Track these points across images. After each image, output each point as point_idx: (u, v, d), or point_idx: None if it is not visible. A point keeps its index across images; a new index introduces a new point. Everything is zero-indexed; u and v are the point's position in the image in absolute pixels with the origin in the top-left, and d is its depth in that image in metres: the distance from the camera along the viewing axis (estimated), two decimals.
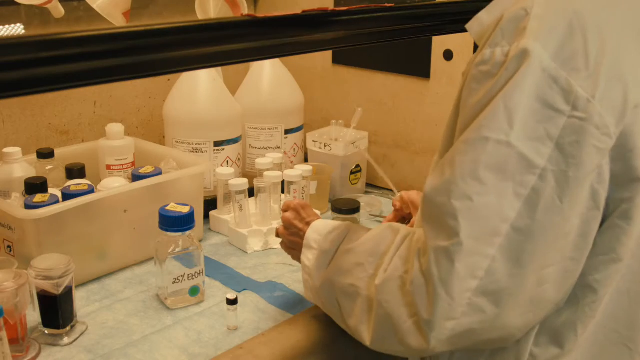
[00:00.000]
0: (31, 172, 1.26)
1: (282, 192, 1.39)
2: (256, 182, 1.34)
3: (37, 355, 0.96)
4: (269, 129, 1.57)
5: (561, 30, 0.70)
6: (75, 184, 1.20)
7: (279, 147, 1.58)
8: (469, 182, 0.70)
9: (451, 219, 0.70)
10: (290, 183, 1.36)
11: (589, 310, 0.77)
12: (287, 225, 1.02)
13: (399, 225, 0.87)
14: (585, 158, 0.69)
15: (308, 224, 0.97)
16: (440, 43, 1.49)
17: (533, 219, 0.69)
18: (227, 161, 1.47)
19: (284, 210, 1.04)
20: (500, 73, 0.70)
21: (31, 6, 1.32)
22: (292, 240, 1.01)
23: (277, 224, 1.34)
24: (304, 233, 0.97)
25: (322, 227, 0.96)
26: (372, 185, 1.69)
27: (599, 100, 0.69)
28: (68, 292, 0.99)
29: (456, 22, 1.12)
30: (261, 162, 1.39)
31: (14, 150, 1.26)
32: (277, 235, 1.07)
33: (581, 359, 0.78)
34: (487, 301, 0.71)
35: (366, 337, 0.82)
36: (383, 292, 0.78)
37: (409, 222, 1.20)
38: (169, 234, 1.08)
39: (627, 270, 0.76)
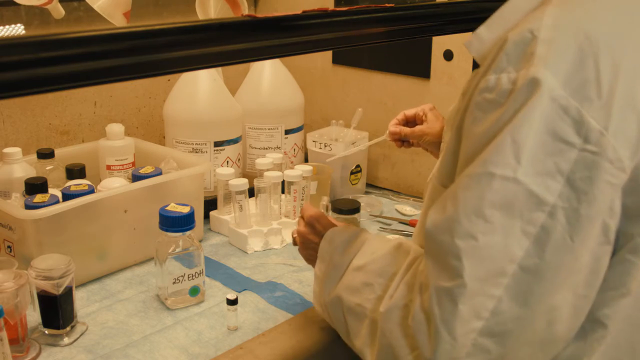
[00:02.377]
0: (31, 172, 1.26)
1: (282, 192, 1.39)
2: (256, 183, 1.34)
3: (38, 355, 0.96)
4: (269, 129, 1.57)
5: (571, 56, 0.65)
6: (75, 184, 1.20)
7: (279, 147, 1.59)
8: (473, 220, 0.66)
9: (454, 259, 0.67)
10: (290, 183, 1.36)
11: (597, 344, 0.73)
12: (303, 240, 0.99)
13: (409, 245, 0.84)
14: (598, 194, 0.65)
15: (323, 236, 0.95)
16: (440, 43, 1.49)
17: (542, 259, 0.66)
18: (227, 161, 1.47)
19: (301, 216, 1.01)
20: (508, 103, 0.66)
21: (31, 6, 1.32)
22: (310, 253, 0.99)
23: (277, 224, 1.35)
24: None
25: (335, 238, 0.93)
26: (372, 185, 1.69)
27: (613, 132, 0.64)
28: (68, 292, 0.99)
29: (456, 22, 1.12)
30: (261, 162, 1.39)
31: (14, 151, 1.26)
32: (295, 244, 1.04)
33: None
34: (492, 342, 0.67)
35: None
36: (386, 320, 0.76)
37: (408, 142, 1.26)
38: (169, 234, 1.08)
39: (634, 301, 0.72)
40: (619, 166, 0.65)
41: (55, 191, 1.19)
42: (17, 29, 1.40)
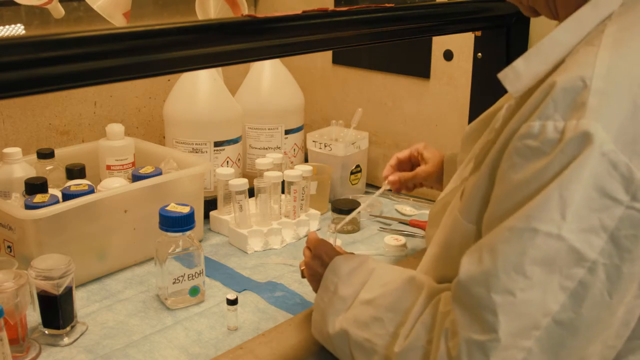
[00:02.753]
0: (31, 173, 1.26)
1: (282, 192, 1.39)
2: (256, 183, 1.34)
3: (38, 355, 0.96)
4: (269, 129, 1.57)
5: (624, 109, 0.63)
6: (75, 184, 1.20)
7: (279, 147, 1.59)
8: (512, 276, 0.65)
9: (489, 313, 0.65)
10: (290, 183, 1.37)
11: None
12: (312, 273, 0.98)
13: (421, 279, 0.83)
14: None
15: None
16: (440, 43, 1.49)
17: (578, 313, 0.64)
18: (227, 161, 1.47)
19: (307, 247, 1.01)
20: (555, 154, 0.64)
21: (31, 6, 1.32)
22: (317, 284, 0.97)
23: (277, 224, 1.35)
24: None
25: (340, 268, 0.91)
26: (372, 185, 1.69)
27: None
28: (68, 293, 0.99)
29: (456, 22, 1.12)
30: (261, 162, 1.39)
31: (14, 151, 1.26)
32: (303, 276, 1.03)
33: None
34: None
35: None
36: None
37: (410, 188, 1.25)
38: (169, 234, 1.08)
39: None
40: None
41: (55, 191, 1.19)
42: (17, 29, 1.40)
